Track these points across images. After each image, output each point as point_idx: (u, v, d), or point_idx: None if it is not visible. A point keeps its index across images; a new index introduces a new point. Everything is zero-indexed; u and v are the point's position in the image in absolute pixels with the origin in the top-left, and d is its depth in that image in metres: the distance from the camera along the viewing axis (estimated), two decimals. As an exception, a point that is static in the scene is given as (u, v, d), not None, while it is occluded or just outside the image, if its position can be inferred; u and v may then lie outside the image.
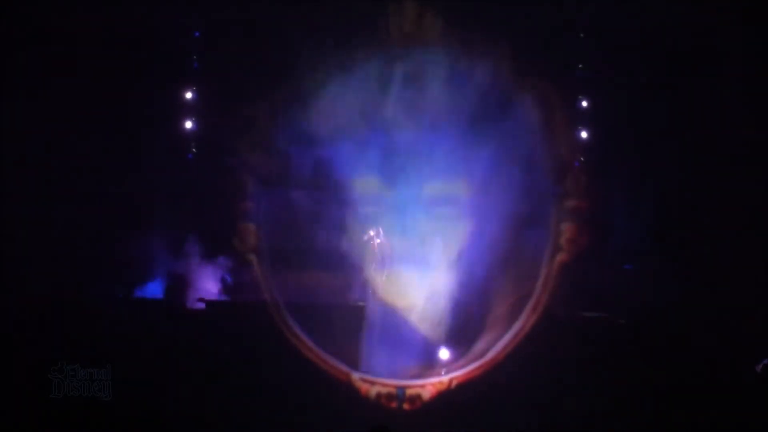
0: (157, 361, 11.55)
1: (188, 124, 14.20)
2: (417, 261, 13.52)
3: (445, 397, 11.97)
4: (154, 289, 13.34)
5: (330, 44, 13.37)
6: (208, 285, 13.36)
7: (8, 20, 12.77)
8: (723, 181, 13.11)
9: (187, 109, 14.19)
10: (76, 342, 11.23)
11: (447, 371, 12.20)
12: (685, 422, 11.05)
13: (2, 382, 10.62)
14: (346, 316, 12.31)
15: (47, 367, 10.49)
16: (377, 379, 12.02)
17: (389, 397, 11.96)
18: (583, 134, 14.27)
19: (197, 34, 14.13)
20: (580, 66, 14.25)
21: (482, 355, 12.20)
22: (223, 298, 13.34)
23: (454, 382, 12.00)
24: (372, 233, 13.78)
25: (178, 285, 13.20)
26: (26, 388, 10.56)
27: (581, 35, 14.19)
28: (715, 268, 12.82)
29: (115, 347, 11.27)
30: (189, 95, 14.19)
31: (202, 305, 12.77)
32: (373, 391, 11.97)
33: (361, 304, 13.05)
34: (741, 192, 12.97)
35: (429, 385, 12.02)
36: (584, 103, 14.26)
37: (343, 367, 12.02)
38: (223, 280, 13.56)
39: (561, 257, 12.91)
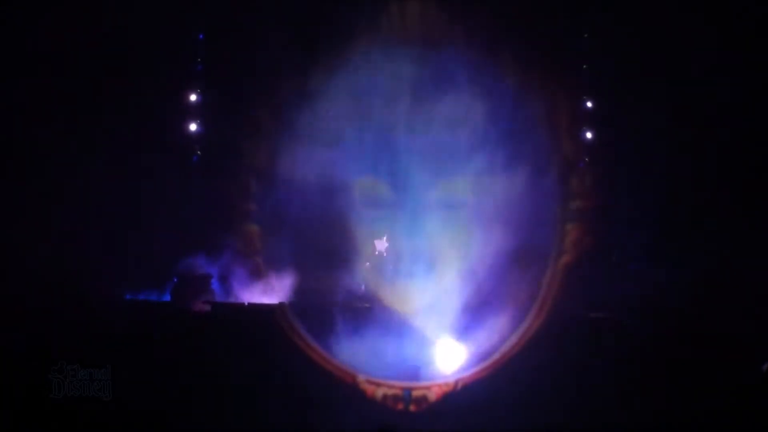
0: (163, 362, 11.53)
1: (193, 127, 14.24)
2: (423, 262, 13.54)
3: (451, 398, 11.95)
4: (160, 291, 13.35)
5: (334, 45, 13.40)
6: (214, 286, 13.35)
7: (12, 22, 12.79)
8: (728, 181, 13.10)
9: (192, 112, 14.22)
10: (76, 342, 11.20)
11: (453, 373, 12.18)
12: (691, 422, 11.02)
13: (2, 382, 10.60)
14: (352, 317, 12.29)
15: (47, 367, 10.50)
16: (383, 380, 12.00)
17: (395, 398, 11.94)
18: (588, 135, 14.28)
19: (201, 36, 14.18)
20: (585, 67, 14.27)
21: (488, 356, 12.18)
22: (229, 299, 13.34)
23: (460, 384, 11.98)
24: (378, 235, 13.81)
25: (184, 286, 13.18)
26: (26, 388, 10.55)
27: (586, 36, 14.21)
28: (721, 267, 12.81)
29: (118, 348, 11.24)
30: (193, 98, 14.23)
31: (207, 307, 12.75)
32: (380, 392, 11.95)
33: (367, 305, 13.05)
34: (746, 193, 12.97)
35: (435, 387, 11.99)
36: (589, 104, 14.27)
37: (349, 369, 12.01)
38: (228, 282, 13.56)
39: (566, 258, 12.91)
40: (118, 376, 10.59)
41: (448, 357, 12.31)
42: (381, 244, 13.82)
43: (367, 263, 13.81)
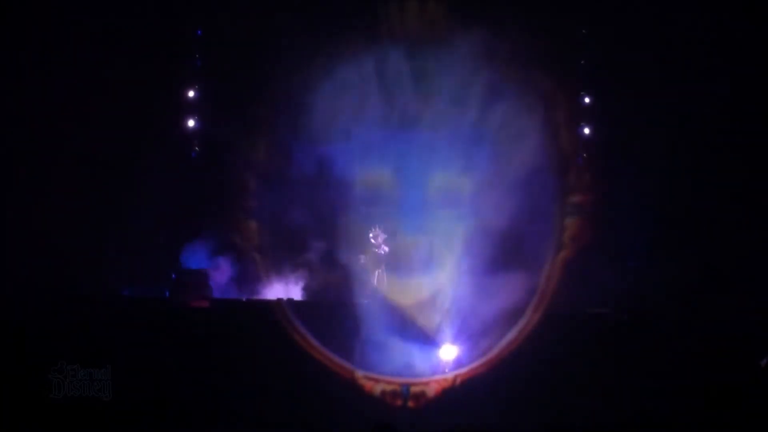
0: (160, 359, 11.54)
1: (191, 123, 14.23)
2: (421, 258, 13.55)
3: (450, 394, 11.97)
4: (158, 288, 13.36)
5: (333, 42, 13.39)
6: (212, 283, 13.36)
7: (11, 19, 12.77)
8: (728, 177, 13.10)
9: (190, 108, 14.22)
10: (76, 342, 11.20)
11: (451, 368, 12.20)
12: (689, 417, 11.04)
13: (2, 382, 10.61)
14: (350, 314, 12.30)
15: (47, 367, 10.52)
16: (381, 376, 12.02)
17: (394, 394, 11.96)
18: (586, 130, 14.28)
19: (199, 32, 14.17)
20: (583, 62, 14.26)
21: (486, 352, 12.20)
22: (227, 296, 13.35)
23: (459, 380, 12.00)
24: (375, 231, 13.81)
25: (182, 282, 13.19)
26: (26, 388, 10.56)
27: (584, 31, 14.20)
28: (719, 263, 12.82)
29: (117, 347, 11.25)
30: (192, 94, 14.22)
31: (206, 303, 12.76)
32: (378, 388, 11.97)
33: (365, 301, 13.05)
34: (744, 188, 12.98)
35: (433, 383, 12.01)
36: (587, 99, 14.27)
37: (348, 365, 12.02)
38: (226, 278, 13.58)
39: (565, 254, 12.92)
40: (118, 376, 10.60)
41: (447, 353, 12.33)
42: (379, 240, 13.83)
43: (365, 259, 13.82)
